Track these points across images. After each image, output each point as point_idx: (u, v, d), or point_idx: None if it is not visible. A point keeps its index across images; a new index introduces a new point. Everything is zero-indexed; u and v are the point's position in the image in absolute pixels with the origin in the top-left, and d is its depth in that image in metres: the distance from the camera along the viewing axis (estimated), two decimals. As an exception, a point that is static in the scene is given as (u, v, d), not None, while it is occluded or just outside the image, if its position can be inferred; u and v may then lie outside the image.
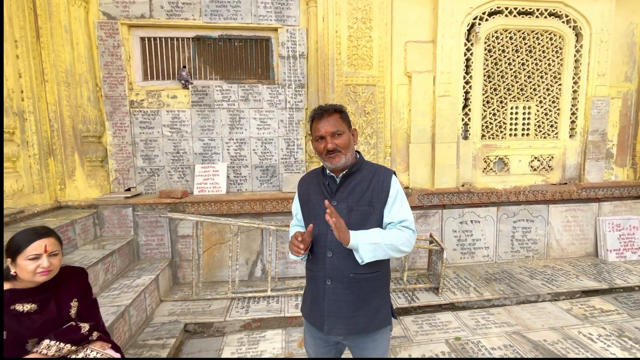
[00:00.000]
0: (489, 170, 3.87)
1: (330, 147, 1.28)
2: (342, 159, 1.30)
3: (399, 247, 1.23)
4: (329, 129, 1.28)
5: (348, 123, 1.35)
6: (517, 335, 2.64)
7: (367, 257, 1.19)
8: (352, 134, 1.37)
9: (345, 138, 1.30)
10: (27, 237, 1.42)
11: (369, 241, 1.18)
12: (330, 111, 1.31)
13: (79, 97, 3.22)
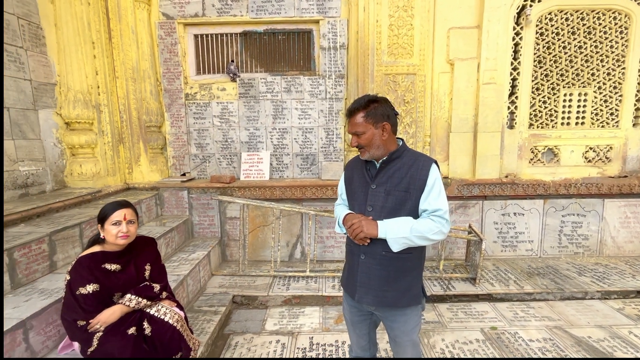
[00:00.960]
0: (536, 161, 3.69)
1: (353, 145, 1.42)
2: (366, 154, 1.41)
3: (428, 236, 1.30)
4: (351, 129, 1.41)
5: (375, 119, 1.36)
6: (558, 330, 2.58)
7: (395, 247, 1.32)
8: (383, 128, 1.37)
9: (367, 136, 1.36)
10: (112, 206, 1.73)
11: (396, 235, 1.30)
12: (354, 112, 1.38)
13: (143, 91, 3.61)
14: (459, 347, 2.38)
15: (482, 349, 2.36)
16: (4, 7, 2.56)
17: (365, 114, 1.36)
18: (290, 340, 2.49)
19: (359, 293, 1.44)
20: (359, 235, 1.28)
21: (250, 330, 2.63)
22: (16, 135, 2.67)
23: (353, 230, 1.28)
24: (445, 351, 2.34)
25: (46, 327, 1.77)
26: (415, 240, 1.30)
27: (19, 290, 1.92)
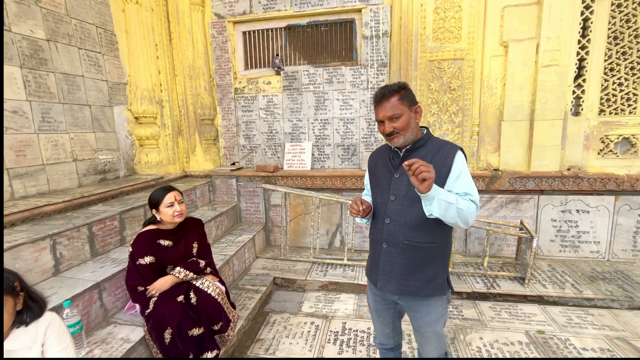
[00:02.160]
0: (607, 152, 3.25)
1: (388, 131, 1.37)
2: (400, 139, 1.38)
3: (466, 216, 1.22)
4: (386, 113, 1.36)
5: (409, 101, 1.36)
6: (620, 341, 2.30)
7: (437, 211, 1.20)
8: (416, 110, 1.39)
9: (403, 120, 1.35)
10: (161, 192, 1.97)
11: (444, 198, 1.18)
12: (388, 95, 1.35)
13: (198, 87, 3.94)
14: (498, 348, 2.27)
15: (525, 352, 2.22)
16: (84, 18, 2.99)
17: (400, 97, 1.34)
18: (324, 323, 2.60)
19: (381, 281, 1.46)
20: (422, 174, 1.11)
21: (288, 311, 2.80)
22: (96, 129, 3.13)
23: (418, 167, 1.12)
24: (482, 350, 2.25)
25: (116, 290, 2.10)
26: (455, 214, 1.20)
27: (96, 259, 2.30)
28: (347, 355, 2.24)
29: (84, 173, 3.00)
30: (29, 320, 1.19)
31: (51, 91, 2.70)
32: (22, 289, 1.17)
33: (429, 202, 1.20)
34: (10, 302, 1.12)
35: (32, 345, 1.19)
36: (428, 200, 1.20)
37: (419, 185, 1.16)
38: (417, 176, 1.14)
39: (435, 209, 1.20)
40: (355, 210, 1.42)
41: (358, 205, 1.41)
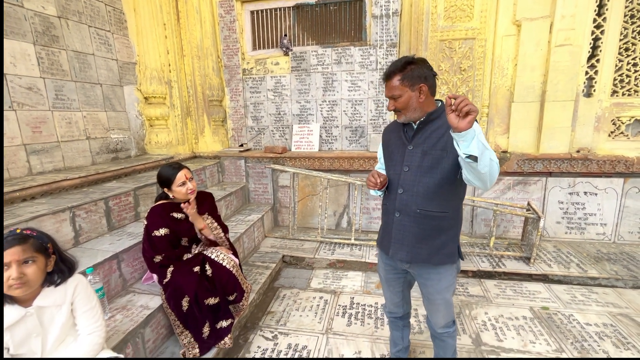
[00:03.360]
0: (618, 135, 3.23)
1: (390, 109, 1.43)
2: (402, 117, 1.43)
3: (494, 171, 1.20)
4: (387, 93, 1.42)
5: (411, 81, 1.35)
6: (624, 317, 2.36)
7: (476, 150, 1.13)
8: (420, 90, 1.36)
9: (403, 99, 1.37)
10: (171, 171, 2.00)
11: (482, 140, 1.15)
12: (391, 75, 1.38)
13: (206, 67, 3.94)
14: (503, 322, 2.33)
15: (529, 327, 2.28)
16: None
17: (401, 77, 1.36)
18: (332, 298, 2.67)
19: (393, 249, 1.51)
20: (469, 106, 1.07)
21: (297, 286, 2.88)
22: (107, 108, 3.16)
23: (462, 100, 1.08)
24: (488, 324, 2.32)
25: (133, 262, 2.17)
26: (487, 161, 1.16)
27: (113, 232, 2.37)
28: (356, 327, 2.31)
29: (97, 151, 3.05)
30: (59, 282, 1.25)
31: (64, 69, 2.72)
32: (55, 252, 1.23)
33: (468, 142, 1.13)
34: (42, 261, 1.18)
35: (62, 304, 1.26)
36: (467, 140, 1.13)
37: (460, 123, 1.09)
38: (461, 110, 1.08)
39: (475, 147, 1.13)
40: (372, 183, 1.46)
41: (375, 178, 1.45)
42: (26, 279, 1.12)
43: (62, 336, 1.27)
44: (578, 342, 2.11)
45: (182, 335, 1.90)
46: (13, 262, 1.10)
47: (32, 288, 1.16)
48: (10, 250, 1.09)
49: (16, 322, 1.15)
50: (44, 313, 1.22)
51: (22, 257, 1.11)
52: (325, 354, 2.06)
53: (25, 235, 1.14)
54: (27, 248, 1.12)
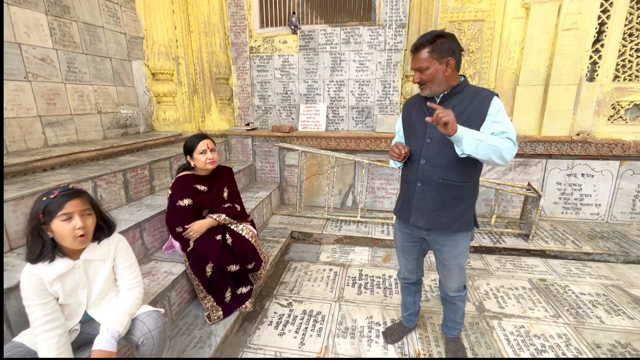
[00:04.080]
0: (617, 119, 3.35)
1: (416, 81, 1.48)
2: (427, 91, 1.48)
3: (501, 151, 1.29)
4: (414, 65, 1.46)
5: (440, 54, 1.39)
6: (615, 288, 2.53)
7: (468, 149, 1.28)
8: (447, 63, 1.41)
9: (429, 72, 1.42)
10: (195, 139, 2.06)
11: (473, 137, 1.27)
12: (420, 47, 1.42)
13: (213, 44, 3.91)
14: (504, 292, 2.48)
15: (528, 296, 2.43)
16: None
17: (430, 49, 1.39)
18: (341, 270, 2.79)
19: (414, 216, 1.59)
20: (443, 119, 1.23)
21: (307, 260, 2.99)
22: (117, 82, 3.14)
23: (437, 115, 1.24)
24: (489, 293, 2.46)
25: (154, 231, 2.24)
26: (488, 150, 1.28)
27: (131, 204, 2.43)
28: (366, 295, 2.44)
29: (108, 126, 3.06)
30: (102, 238, 1.32)
31: (75, 41, 2.70)
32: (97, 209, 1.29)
33: (459, 142, 1.29)
34: (94, 215, 1.25)
35: (105, 259, 1.33)
36: (458, 141, 1.30)
37: (445, 130, 1.27)
38: (438, 122, 1.26)
39: (466, 147, 1.28)
40: (396, 154, 1.53)
41: (400, 149, 1.52)
42: (87, 229, 1.20)
43: (105, 290, 1.35)
44: (573, 309, 2.27)
45: (205, 299, 1.99)
46: (76, 213, 1.18)
47: (89, 240, 1.24)
48: (72, 201, 1.17)
49: (66, 273, 1.22)
50: (90, 266, 1.30)
51: (82, 208, 1.19)
52: (339, 319, 2.18)
53: (80, 190, 1.21)
54: (85, 200, 1.21)
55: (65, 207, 1.16)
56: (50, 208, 1.15)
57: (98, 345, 1.20)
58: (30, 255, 1.17)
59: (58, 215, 1.16)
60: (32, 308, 1.15)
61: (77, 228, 1.17)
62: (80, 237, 1.18)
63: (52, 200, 1.16)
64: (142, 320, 1.31)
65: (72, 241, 1.19)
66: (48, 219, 1.16)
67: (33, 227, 1.17)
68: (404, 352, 1.89)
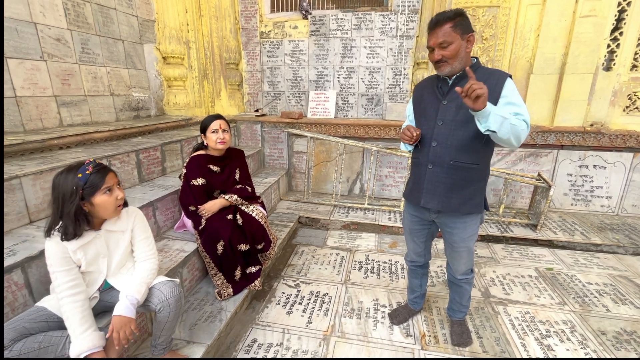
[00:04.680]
0: (632, 110, 3.28)
1: (436, 58, 1.42)
2: (447, 68, 1.44)
3: (519, 132, 1.27)
4: (436, 40, 1.40)
5: (462, 30, 1.39)
6: (622, 279, 2.52)
7: (494, 125, 1.23)
8: (468, 39, 1.42)
9: (452, 48, 1.39)
10: (210, 118, 2.10)
11: (499, 113, 1.23)
12: (442, 22, 1.38)
13: (224, 29, 3.90)
14: (510, 279, 2.50)
15: (534, 283, 2.44)
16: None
17: (453, 24, 1.37)
18: (348, 255, 2.83)
19: (425, 198, 1.60)
20: (476, 91, 1.17)
21: (314, 244, 3.03)
22: (129, 65, 3.17)
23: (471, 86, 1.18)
24: (495, 280, 2.48)
25: (165, 211, 2.29)
26: (509, 129, 1.25)
27: (144, 184, 2.47)
28: (372, 279, 2.47)
29: (120, 108, 3.09)
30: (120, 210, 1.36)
31: (88, 22, 2.71)
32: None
33: (485, 118, 1.25)
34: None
35: (125, 230, 1.37)
36: (484, 117, 1.25)
37: (474, 104, 1.23)
38: (470, 95, 1.21)
39: (492, 123, 1.23)
40: (408, 137, 1.53)
41: (411, 132, 1.52)
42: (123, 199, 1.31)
43: (123, 260, 1.40)
44: (579, 297, 2.28)
45: (215, 276, 2.04)
46: (115, 185, 1.28)
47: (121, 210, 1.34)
48: (110, 175, 1.27)
49: (88, 242, 1.27)
50: (111, 237, 1.34)
51: (117, 180, 1.30)
52: (346, 300, 2.22)
53: (106, 165, 1.27)
54: (115, 174, 1.29)
55: (106, 181, 1.25)
56: (92, 183, 1.22)
57: (118, 311, 1.24)
58: (69, 235, 1.21)
59: (101, 188, 1.23)
60: (56, 274, 1.20)
61: (119, 198, 1.28)
62: (119, 207, 1.30)
63: (91, 175, 1.21)
64: (159, 289, 1.35)
65: (113, 211, 1.29)
66: (89, 193, 1.21)
67: (76, 206, 1.20)
68: (409, 333, 1.93)
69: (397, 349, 1.81)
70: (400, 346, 1.83)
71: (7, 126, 2.17)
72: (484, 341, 1.87)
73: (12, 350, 1.11)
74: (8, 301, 1.32)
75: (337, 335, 1.91)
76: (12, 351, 1.11)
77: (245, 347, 1.80)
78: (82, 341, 1.17)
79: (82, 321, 1.19)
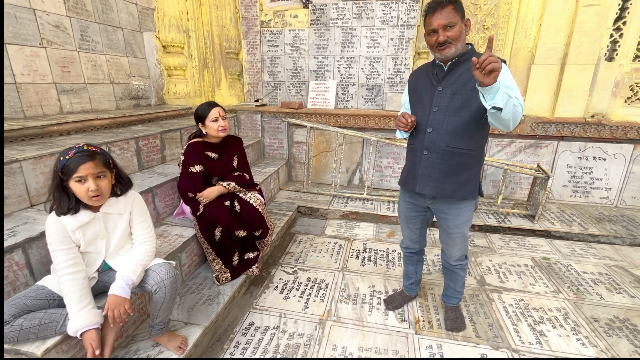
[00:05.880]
0: (634, 101, 3.25)
1: (442, 40, 1.40)
2: (452, 50, 1.42)
3: (518, 113, 1.27)
4: (441, 21, 1.39)
5: (462, 13, 1.41)
6: (618, 269, 2.54)
7: (500, 102, 1.20)
8: (465, 24, 1.44)
9: (457, 29, 1.39)
10: (207, 107, 2.09)
11: (506, 91, 1.21)
12: (444, 3, 1.38)
13: (224, 18, 3.88)
14: (506, 268, 2.52)
15: (530, 272, 2.46)
16: None
17: (455, 7, 1.39)
18: (346, 243, 2.85)
19: (420, 184, 1.61)
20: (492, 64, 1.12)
21: (312, 233, 3.06)
22: (129, 53, 3.17)
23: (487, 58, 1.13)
24: (491, 269, 2.50)
25: (165, 198, 2.32)
26: (511, 107, 1.24)
27: (144, 171, 2.50)
28: (369, 267, 2.50)
29: (120, 97, 3.10)
30: (120, 193, 1.38)
31: (87, 9, 2.71)
32: (114, 167, 1.35)
33: (493, 94, 1.21)
34: (109, 175, 1.31)
35: (123, 213, 1.40)
36: (492, 93, 1.21)
37: (485, 79, 1.17)
38: (484, 68, 1.14)
39: (499, 98, 1.20)
40: (403, 123, 1.54)
41: (406, 119, 1.53)
42: (101, 190, 1.26)
43: (121, 242, 1.43)
44: (574, 286, 2.30)
45: (214, 262, 2.07)
46: (89, 176, 1.23)
47: (105, 198, 1.31)
48: (85, 165, 1.21)
49: (87, 223, 1.30)
50: (109, 219, 1.37)
51: (95, 172, 1.24)
52: (342, 286, 2.25)
53: (93, 152, 1.26)
54: (98, 163, 1.25)
55: (78, 170, 1.20)
56: (66, 169, 1.21)
57: (113, 291, 1.27)
58: (59, 209, 1.24)
59: (73, 177, 1.21)
60: (56, 252, 1.23)
61: (90, 190, 1.22)
62: (94, 197, 1.25)
63: (67, 161, 1.21)
64: (155, 271, 1.38)
65: (87, 200, 1.26)
66: (66, 178, 1.22)
67: (57, 184, 1.24)
68: (403, 318, 1.96)
69: (392, 333, 1.84)
70: (395, 330, 1.86)
71: (7, 112, 2.19)
72: (478, 327, 1.90)
73: (14, 325, 1.14)
74: (9, 280, 1.35)
75: (333, 319, 1.94)
76: (13, 326, 1.14)
77: (243, 329, 1.84)
78: (79, 318, 1.20)
79: (81, 299, 1.22)
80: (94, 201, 1.27)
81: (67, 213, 1.26)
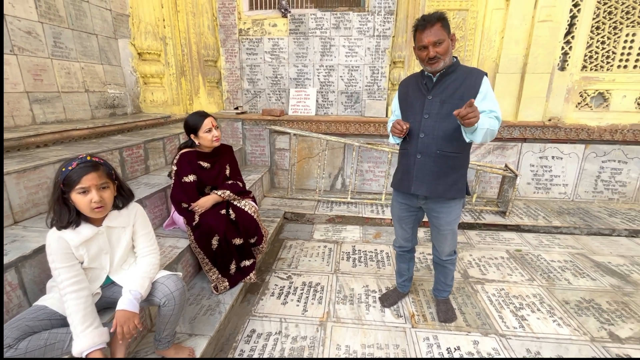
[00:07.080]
0: (583, 106, 3.66)
1: (432, 55, 1.55)
2: (441, 64, 1.57)
3: (494, 134, 1.53)
4: (431, 39, 1.53)
5: (448, 30, 1.56)
6: (580, 256, 2.82)
7: (478, 139, 1.50)
8: (451, 39, 1.59)
9: (445, 45, 1.54)
10: (198, 118, 2.08)
11: (483, 126, 1.45)
12: (433, 21, 1.52)
13: (201, 25, 3.84)
14: (485, 261, 2.71)
15: (507, 264, 2.67)
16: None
17: (442, 24, 1.53)
18: (335, 247, 2.92)
19: (415, 185, 1.73)
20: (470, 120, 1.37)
21: (301, 238, 3.10)
22: (104, 61, 3.05)
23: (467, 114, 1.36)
24: (472, 263, 2.68)
25: (154, 209, 2.26)
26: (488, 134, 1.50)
27: (129, 182, 2.41)
28: (361, 267, 2.59)
29: (96, 106, 2.97)
30: (121, 206, 1.35)
31: (60, 15, 2.59)
32: (116, 178, 1.32)
33: (472, 133, 1.48)
34: (112, 186, 1.28)
35: (126, 226, 1.37)
36: (471, 132, 1.48)
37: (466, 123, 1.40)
38: (465, 121, 1.39)
39: (477, 137, 1.49)
40: (398, 130, 1.65)
41: (401, 125, 1.65)
42: (104, 202, 1.22)
43: (124, 256, 1.39)
44: (545, 274, 2.53)
45: (210, 272, 2.05)
46: (92, 187, 1.19)
47: (108, 210, 1.27)
48: (88, 176, 1.18)
49: (91, 238, 1.25)
50: (112, 233, 1.33)
51: (99, 182, 1.20)
52: (337, 288, 2.32)
53: (97, 163, 1.23)
54: (101, 174, 1.22)
55: (81, 181, 1.17)
56: (68, 180, 1.17)
57: (122, 305, 1.24)
58: (59, 222, 1.19)
59: (75, 188, 1.17)
60: (58, 270, 1.18)
61: (93, 201, 1.19)
62: (97, 209, 1.21)
63: (70, 172, 1.17)
64: (162, 283, 1.36)
65: (89, 212, 1.22)
66: (67, 189, 1.18)
67: (57, 197, 1.19)
68: (399, 314, 2.06)
69: (390, 328, 1.93)
70: (393, 326, 1.95)
71: (-24, 124, 2.04)
72: (467, 316, 2.04)
73: (18, 348, 1.09)
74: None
75: (333, 320, 1.99)
76: (17, 349, 1.08)
77: (245, 337, 1.84)
78: (83, 339, 1.16)
79: (84, 319, 1.18)
80: (96, 213, 1.23)
81: (68, 227, 1.22)
